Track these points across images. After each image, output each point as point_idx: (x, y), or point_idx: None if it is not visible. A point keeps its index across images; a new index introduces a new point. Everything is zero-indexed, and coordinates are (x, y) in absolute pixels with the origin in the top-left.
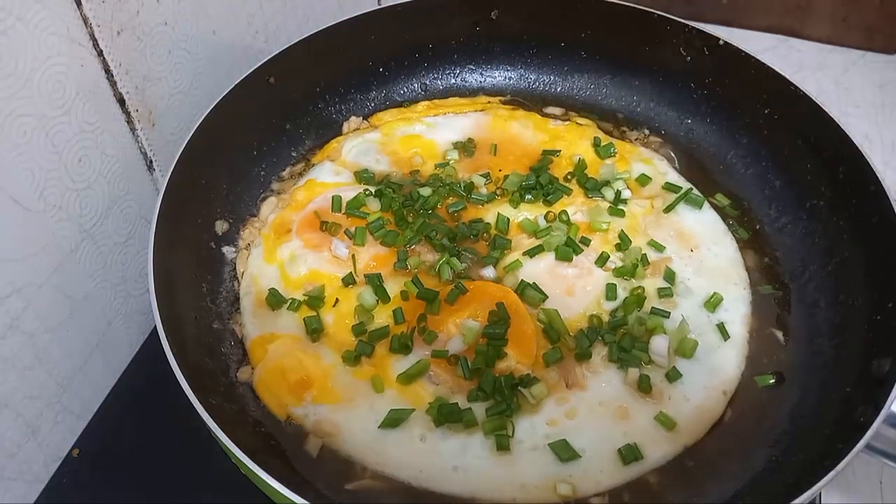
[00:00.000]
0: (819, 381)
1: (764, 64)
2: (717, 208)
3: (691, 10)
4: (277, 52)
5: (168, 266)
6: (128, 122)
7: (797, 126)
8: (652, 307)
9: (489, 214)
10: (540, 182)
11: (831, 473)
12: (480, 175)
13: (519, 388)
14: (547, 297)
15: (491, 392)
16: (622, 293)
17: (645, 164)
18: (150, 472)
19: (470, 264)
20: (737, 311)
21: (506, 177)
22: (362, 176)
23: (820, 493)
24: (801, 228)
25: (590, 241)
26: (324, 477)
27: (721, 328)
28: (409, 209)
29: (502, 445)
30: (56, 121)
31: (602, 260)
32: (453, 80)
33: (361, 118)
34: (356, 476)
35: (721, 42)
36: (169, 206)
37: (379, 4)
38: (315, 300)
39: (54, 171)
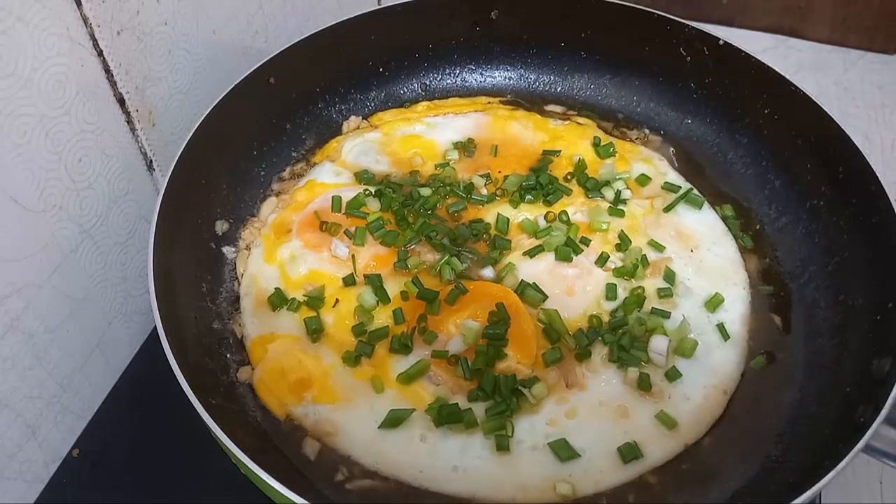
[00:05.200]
0: (819, 381)
1: (764, 64)
2: (721, 218)
3: (691, 10)
4: (277, 52)
5: (168, 266)
6: (128, 122)
7: (797, 126)
8: (652, 307)
9: (489, 215)
10: (540, 182)
11: (831, 473)
12: (480, 175)
13: (519, 387)
14: (547, 297)
15: (491, 392)
16: (622, 293)
17: (645, 163)
18: (150, 472)
19: (470, 264)
20: (737, 311)
21: (506, 177)
22: (362, 176)
23: (820, 493)
24: (801, 228)
25: (590, 241)
26: (324, 477)
27: (721, 328)
28: (410, 209)
29: (502, 445)
30: (56, 121)
31: (602, 260)
32: (453, 80)
33: (361, 118)
34: (356, 476)
35: (721, 42)
36: (169, 206)
37: (379, 4)
38: (315, 300)
39: (54, 171)
